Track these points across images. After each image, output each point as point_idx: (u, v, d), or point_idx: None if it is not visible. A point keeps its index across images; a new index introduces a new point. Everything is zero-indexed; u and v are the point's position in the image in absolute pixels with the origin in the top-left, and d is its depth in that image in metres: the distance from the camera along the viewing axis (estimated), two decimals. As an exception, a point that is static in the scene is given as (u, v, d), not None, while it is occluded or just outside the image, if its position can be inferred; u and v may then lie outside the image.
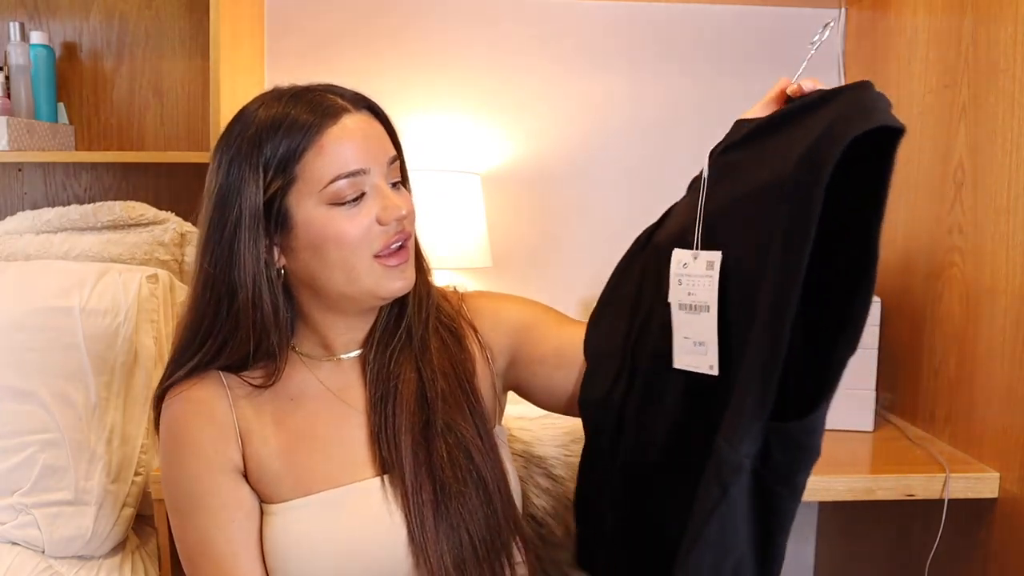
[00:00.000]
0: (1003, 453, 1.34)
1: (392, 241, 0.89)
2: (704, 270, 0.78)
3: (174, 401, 0.91)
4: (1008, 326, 1.33)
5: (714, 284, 0.77)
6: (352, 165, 0.86)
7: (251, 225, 0.86)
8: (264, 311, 0.88)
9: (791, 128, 0.76)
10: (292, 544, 0.87)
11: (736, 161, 0.80)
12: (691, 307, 0.79)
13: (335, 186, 0.85)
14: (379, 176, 0.89)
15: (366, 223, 0.87)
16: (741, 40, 1.96)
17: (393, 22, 1.91)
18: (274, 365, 0.92)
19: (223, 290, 0.88)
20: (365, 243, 0.87)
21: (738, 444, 0.71)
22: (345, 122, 0.87)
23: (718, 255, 0.77)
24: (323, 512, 0.88)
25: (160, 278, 1.55)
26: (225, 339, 0.89)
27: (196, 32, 1.85)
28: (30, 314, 1.45)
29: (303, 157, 0.85)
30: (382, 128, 0.92)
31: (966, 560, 1.42)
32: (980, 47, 1.40)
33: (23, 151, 1.64)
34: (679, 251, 0.80)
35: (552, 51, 1.93)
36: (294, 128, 0.85)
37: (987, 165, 1.38)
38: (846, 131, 0.67)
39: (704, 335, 0.78)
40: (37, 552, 1.36)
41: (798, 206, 0.68)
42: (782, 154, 0.73)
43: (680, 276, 0.79)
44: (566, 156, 1.94)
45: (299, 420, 0.92)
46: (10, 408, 1.41)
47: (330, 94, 0.89)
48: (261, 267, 0.87)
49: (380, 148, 0.90)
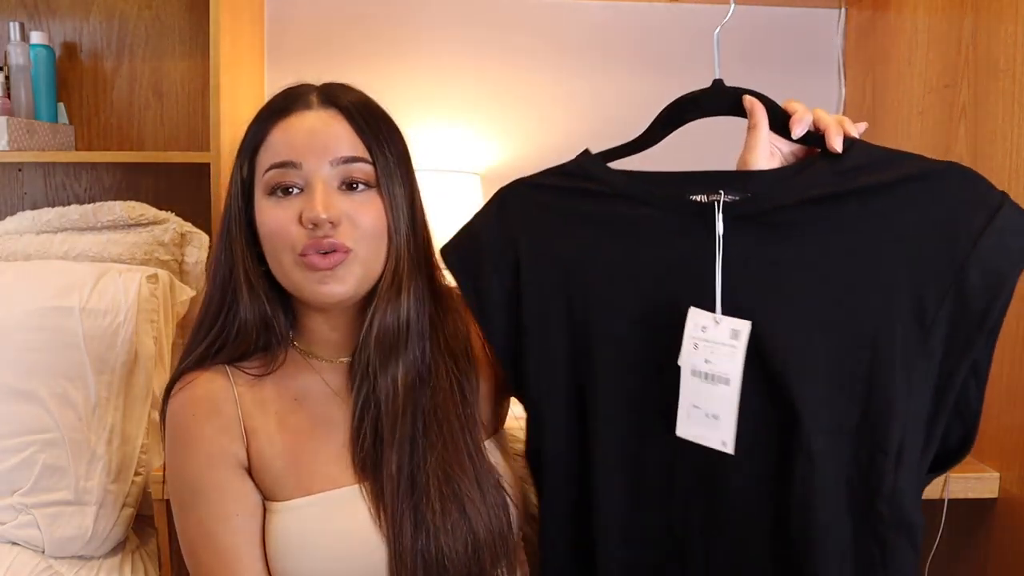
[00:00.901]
0: (1003, 453, 1.34)
1: (314, 244, 0.85)
2: (727, 339, 0.70)
3: (181, 394, 0.91)
4: (1008, 326, 1.31)
5: (738, 355, 0.69)
6: (282, 156, 0.87)
7: (235, 217, 0.92)
8: (259, 305, 0.91)
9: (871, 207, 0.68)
10: (291, 543, 0.87)
11: (790, 224, 0.70)
12: (707, 376, 0.71)
13: (268, 175, 0.88)
14: (316, 173, 0.86)
15: (285, 218, 0.86)
16: (740, 40, 1.95)
17: (393, 22, 1.91)
18: (271, 355, 0.93)
19: (227, 274, 0.92)
20: (288, 239, 0.86)
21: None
22: (296, 116, 0.89)
23: (746, 325, 0.69)
24: (320, 513, 0.88)
25: (160, 278, 1.55)
26: (230, 325, 0.91)
27: (196, 32, 1.85)
28: (30, 314, 1.45)
29: (260, 147, 0.90)
30: (347, 128, 0.89)
31: (966, 560, 1.42)
32: (980, 47, 1.40)
33: (23, 151, 1.64)
34: (696, 311, 0.71)
35: (552, 51, 1.93)
36: (260, 119, 0.91)
37: (987, 165, 1.38)
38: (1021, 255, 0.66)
39: (720, 408, 0.70)
40: (37, 552, 1.36)
41: (961, 307, 0.66)
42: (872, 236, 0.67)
43: (697, 340, 0.71)
44: (566, 156, 1.93)
45: (302, 420, 0.92)
46: (10, 408, 1.40)
47: (311, 92, 0.92)
48: (248, 260, 0.90)
49: (325, 146, 0.87)
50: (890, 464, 0.67)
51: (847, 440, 0.68)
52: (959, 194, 0.68)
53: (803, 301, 0.69)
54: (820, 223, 0.69)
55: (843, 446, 0.68)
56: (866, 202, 0.68)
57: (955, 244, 0.66)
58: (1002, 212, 0.67)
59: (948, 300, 0.66)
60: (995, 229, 0.66)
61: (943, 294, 0.66)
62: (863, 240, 0.68)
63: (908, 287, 0.66)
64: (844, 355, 0.68)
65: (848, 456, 0.68)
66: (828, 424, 0.68)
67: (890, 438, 0.66)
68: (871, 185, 0.69)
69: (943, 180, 0.68)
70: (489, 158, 1.94)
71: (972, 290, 0.66)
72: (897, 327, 0.66)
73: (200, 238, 1.70)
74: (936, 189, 0.68)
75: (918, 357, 0.66)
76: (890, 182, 0.68)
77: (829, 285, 0.68)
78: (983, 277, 0.66)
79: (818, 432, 0.68)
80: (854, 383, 0.67)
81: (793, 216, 0.70)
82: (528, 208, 0.84)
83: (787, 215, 0.70)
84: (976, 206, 0.66)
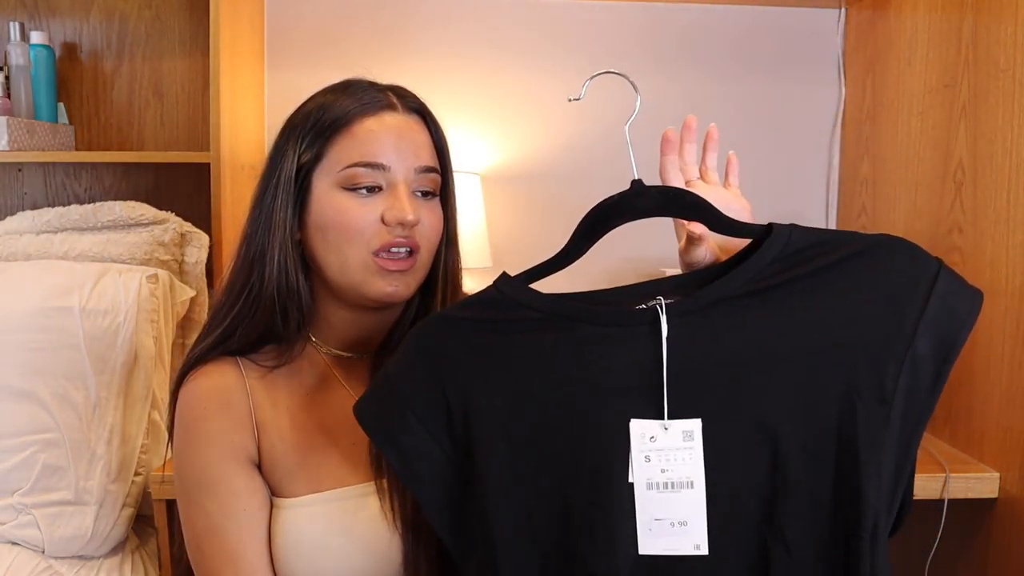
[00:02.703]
0: (1003, 453, 1.34)
1: (393, 244, 0.88)
2: (681, 442, 0.68)
3: (192, 384, 0.91)
4: (1008, 326, 1.33)
5: (696, 456, 0.68)
6: (374, 157, 0.88)
7: (284, 191, 0.90)
8: (288, 279, 0.90)
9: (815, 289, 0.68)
10: (299, 541, 0.86)
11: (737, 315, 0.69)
12: (666, 485, 0.69)
13: (351, 171, 0.88)
14: (401, 177, 0.89)
15: (370, 217, 0.87)
16: (740, 40, 1.96)
17: (393, 22, 1.91)
18: (285, 346, 0.92)
19: (256, 253, 0.91)
20: (364, 236, 0.87)
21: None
22: (384, 117, 0.90)
23: (697, 423, 0.68)
24: (331, 511, 0.87)
25: (160, 278, 1.55)
26: (249, 308, 0.91)
27: (196, 32, 1.85)
28: (30, 314, 1.45)
29: (334, 137, 0.89)
30: (427, 138, 0.92)
31: (966, 560, 1.42)
32: (980, 47, 1.40)
33: (23, 151, 1.64)
34: (638, 422, 0.68)
35: (552, 51, 1.93)
36: (335, 110, 0.90)
37: (987, 165, 1.38)
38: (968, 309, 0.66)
39: (688, 513, 0.68)
40: (37, 552, 1.37)
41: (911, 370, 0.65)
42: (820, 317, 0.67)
43: (647, 452, 0.68)
44: (566, 156, 1.95)
45: (314, 415, 0.92)
46: (10, 408, 1.41)
47: (387, 91, 0.93)
48: (287, 234, 0.90)
49: (412, 152, 0.90)
50: (866, 546, 0.66)
51: (822, 526, 0.68)
52: (898, 267, 0.68)
53: (760, 391, 0.68)
54: (766, 312, 0.68)
55: (819, 531, 0.68)
56: (811, 286, 0.68)
57: (903, 317, 0.66)
58: (940, 277, 0.67)
59: (903, 374, 0.66)
60: (937, 295, 0.66)
61: (898, 368, 0.66)
62: (812, 325, 0.67)
63: (863, 366, 0.66)
64: (809, 441, 0.67)
65: (825, 541, 0.68)
66: (800, 511, 0.67)
67: (864, 520, 0.66)
68: (813, 270, 0.68)
69: (881, 254, 0.68)
70: (489, 158, 1.94)
71: (923, 360, 0.66)
72: (858, 407, 0.66)
73: (200, 238, 1.70)
74: (876, 265, 0.68)
75: (881, 433, 0.66)
76: (831, 264, 0.68)
77: (784, 372, 0.67)
78: (933, 344, 0.66)
79: (791, 519, 0.67)
80: (822, 469, 0.67)
81: (739, 307, 0.69)
82: (450, 349, 0.74)
83: (732, 307, 0.69)
84: (916, 276, 0.67)
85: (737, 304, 0.69)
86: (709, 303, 0.70)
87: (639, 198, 0.73)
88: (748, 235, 0.73)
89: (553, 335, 0.72)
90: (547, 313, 0.74)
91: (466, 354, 0.74)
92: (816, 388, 0.66)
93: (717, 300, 0.69)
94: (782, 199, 1.99)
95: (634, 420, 0.69)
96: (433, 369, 0.74)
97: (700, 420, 0.68)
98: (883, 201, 1.75)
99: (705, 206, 0.73)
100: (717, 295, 0.70)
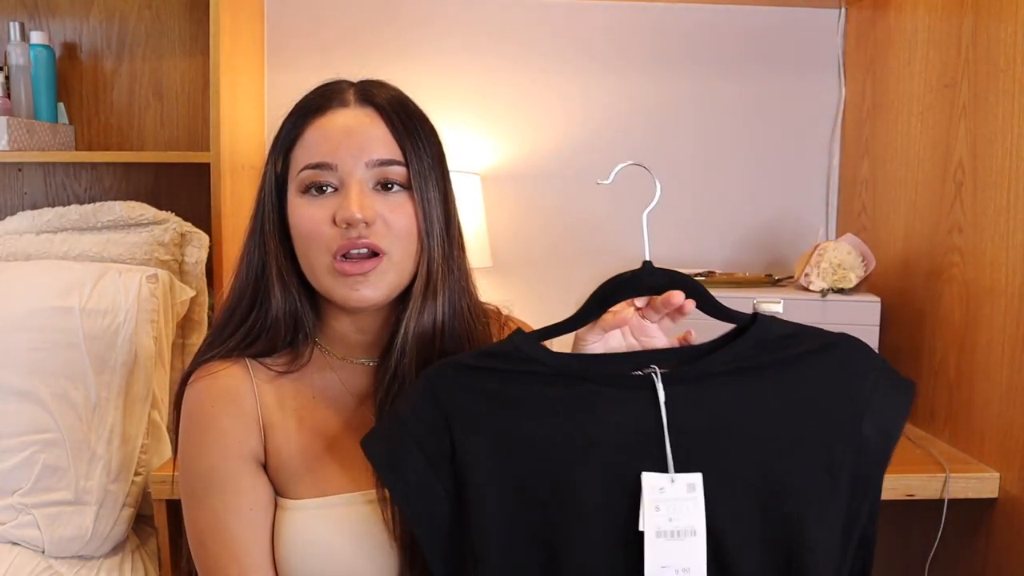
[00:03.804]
0: (1003, 453, 1.34)
1: (350, 246, 0.85)
2: (686, 493, 0.75)
3: (200, 384, 0.90)
4: (1008, 326, 1.33)
5: (699, 506, 0.75)
6: (317, 157, 0.87)
7: (269, 205, 0.91)
8: (290, 306, 0.90)
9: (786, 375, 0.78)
10: (303, 543, 0.87)
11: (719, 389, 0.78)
12: (673, 533, 0.75)
13: (304, 174, 0.87)
14: (352, 175, 0.86)
15: (319, 217, 0.86)
16: (741, 40, 1.96)
17: (393, 22, 1.91)
18: (297, 352, 0.92)
19: (259, 271, 0.91)
20: (322, 240, 0.86)
21: None
22: (333, 115, 0.88)
23: (698, 476, 0.75)
24: (336, 515, 0.87)
25: (160, 278, 1.55)
26: (262, 320, 0.91)
27: (196, 32, 1.85)
28: (30, 314, 1.45)
29: (295, 144, 0.89)
30: (383, 128, 0.89)
31: (966, 560, 1.42)
32: (980, 47, 1.40)
33: (23, 151, 1.65)
34: (650, 476, 0.75)
35: (552, 51, 1.93)
36: (295, 116, 0.90)
37: (987, 165, 1.38)
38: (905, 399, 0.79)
39: (690, 560, 0.75)
40: (37, 552, 1.37)
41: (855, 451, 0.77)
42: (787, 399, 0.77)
43: (657, 502, 0.75)
44: (565, 156, 1.95)
45: (320, 420, 0.92)
46: (10, 408, 1.41)
47: (347, 88, 0.91)
48: (282, 258, 0.90)
49: (361, 147, 0.87)
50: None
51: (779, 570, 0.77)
52: (851, 361, 0.79)
53: (733, 455, 0.76)
54: (744, 389, 0.78)
55: None
56: (781, 371, 0.78)
57: (853, 404, 0.77)
58: (884, 373, 0.79)
59: (851, 451, 0.77)
60: (881, 388, 0.78)
61: (847, 446, 0.77)
62: (780, 403, 0.77)
63: (819, 443, 0.77)
64: (767, 504, 0.76)
65: None
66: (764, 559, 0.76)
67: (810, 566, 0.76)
68: (784, 357, 0.79)
69: (839, 350, 0.79)
70: (489, 158, 1.94)
71: (868, 441, 0.77)
72: (815, 477, 0.76)
73: (200, 238, 1.71)
74: (834, 358, 0.79)
75: (830, 502, 0.76)
76: (799, 354, 0.79)
77: (754, 441, 0.77)
78: (877, 428, 0.78)
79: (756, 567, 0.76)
80: (776, 529, 0.76)
81: (722, 382, 0.78)
82: (462, 395, 0.79)
83: (717, 382, 0.78)
84: (865, 370, 0.79)
85: (722, 379, 0.78)
86: (700, 375, 0.78)
87: (650, 277, 0.82)
88: (737, 322, 0.82)
89: (557, 390, 0.79)
90: (554, 369, 0.80)
91: (474, 400, 0.79)
92: (780, 457, 0.76)
93: (706, 374, 0.78)
94: (782, 199, 1.99)
95: (645, 473, 0.76)
96: (440, 411, 0.78)
97: (700, 474, 0.75)
98: (883, 201, 1.75)
99: (705, 292, 0.82)
100: (707, 369, 0.79)
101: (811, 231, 1.96)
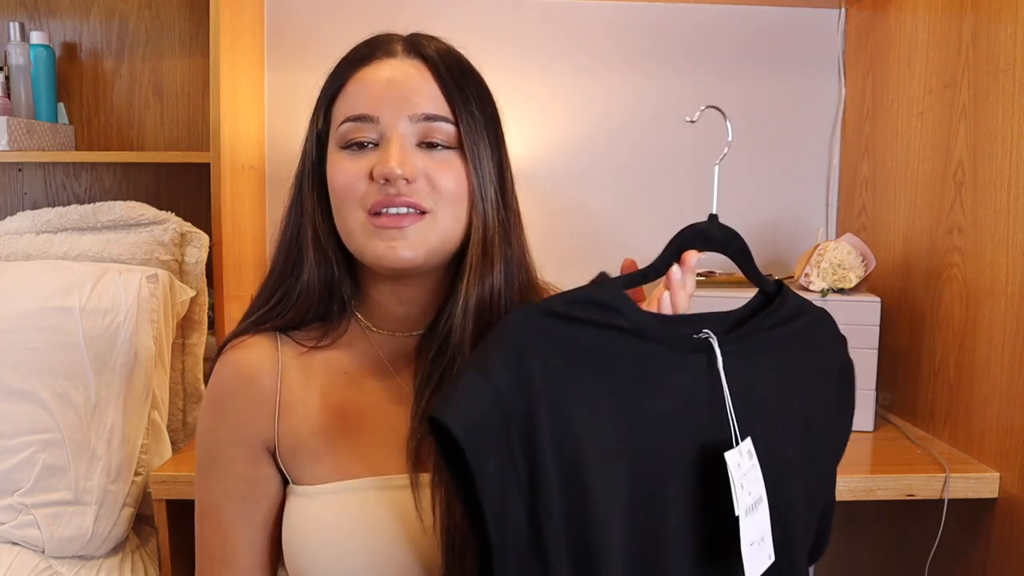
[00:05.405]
0: (1003, 453, 1.34)
1: (386, 203, 0.79)
2: (749, 460, 0.72)
3: (224, 358, 0.87)
4: (1008, 326, 1.33)
5: (758, 472, 0.72)
6: (359, 109, 0.81)
7: (310, 163, 0.86)
8: (326, 270, 0.86)
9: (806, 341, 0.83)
10: (321, 530, 0.80)
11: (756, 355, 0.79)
12: (753, 507, 0.71)
13: (344, 127, 0.82)
14: (394, 128, 0.80)
15: (356, 172, 0.80)
16: (741, 40, 1.96)
17: (393, 22, 1.90)
18: (331, 324, 0.87)
19: (295, 232, 0.86)
20: (356, 195, 0.80)
21: None
22: (376, 66, 0.83)
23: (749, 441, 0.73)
24: (357, 500, 0.80)
25: (160, 278, 1.55)
26: (292, 288, 0.86)
27: (196, 32, 1.85)
28: (30, 314, 1.45)
29: (336, 97, 0.85)
30: (431, 82, 0.83)
31: (966, 560, 1.42)
32: (980, 47, 1.40)
33: (23, 151, 1.65)
34: (731, 454, 0.70)
35: (552, 51, 1.93)
36: (341, 66, 0.86)
37: (987, 165, 1.38)
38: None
39: (763, 528, 0.71)
40: (37, 552, 1.37)
41: None
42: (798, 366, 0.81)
43: (741, 481, 0.70)
44: (565, 156, 1.94)
45: (349, 397, 0.86)
46: (10, 408, 1.41)
47: (388, 37, 0.88)
48: (319, 220, 0.85)
49: (405, 99, 0.81)
50: None
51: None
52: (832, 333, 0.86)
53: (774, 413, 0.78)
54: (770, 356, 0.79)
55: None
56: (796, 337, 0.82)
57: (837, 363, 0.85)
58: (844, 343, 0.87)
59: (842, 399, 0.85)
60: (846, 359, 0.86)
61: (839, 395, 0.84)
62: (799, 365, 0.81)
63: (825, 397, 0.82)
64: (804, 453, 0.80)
65: None
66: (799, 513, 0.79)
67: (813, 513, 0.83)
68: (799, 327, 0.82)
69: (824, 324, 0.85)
70: (489, 158, 1.94)
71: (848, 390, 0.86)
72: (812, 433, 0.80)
73: (200, 238, 1.71)
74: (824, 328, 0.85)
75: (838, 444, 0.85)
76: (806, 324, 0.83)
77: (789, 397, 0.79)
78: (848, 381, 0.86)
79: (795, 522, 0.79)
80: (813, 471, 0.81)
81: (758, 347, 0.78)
82: (551, 355, 0.67)
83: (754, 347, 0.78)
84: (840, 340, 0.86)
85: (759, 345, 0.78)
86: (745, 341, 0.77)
87: (718, 229, 0.81)
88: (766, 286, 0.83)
89: (633, 347, 0.71)
90: (634, 325, 0.71)
91: (567, 363, 0.68)
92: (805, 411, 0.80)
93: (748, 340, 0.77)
94: (782, 198, 1.99)
95: (728, 453, 0.71)
96: (529, 380, 0.65)
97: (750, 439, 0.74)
98: (883, 201, 1.75)
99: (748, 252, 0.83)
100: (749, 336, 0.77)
101: (811, 231, 1.96)
